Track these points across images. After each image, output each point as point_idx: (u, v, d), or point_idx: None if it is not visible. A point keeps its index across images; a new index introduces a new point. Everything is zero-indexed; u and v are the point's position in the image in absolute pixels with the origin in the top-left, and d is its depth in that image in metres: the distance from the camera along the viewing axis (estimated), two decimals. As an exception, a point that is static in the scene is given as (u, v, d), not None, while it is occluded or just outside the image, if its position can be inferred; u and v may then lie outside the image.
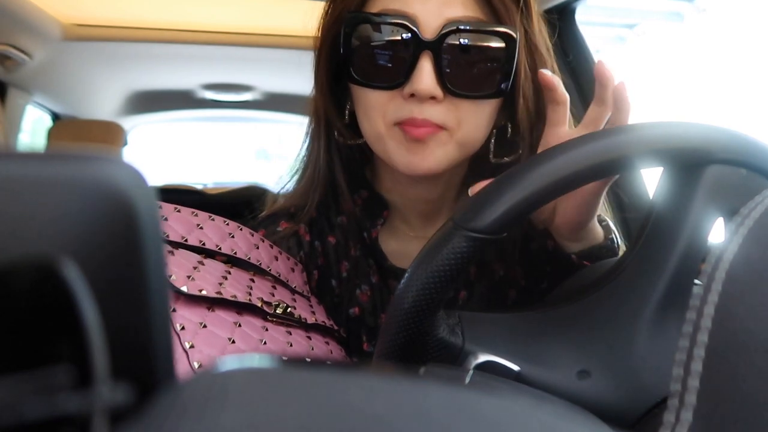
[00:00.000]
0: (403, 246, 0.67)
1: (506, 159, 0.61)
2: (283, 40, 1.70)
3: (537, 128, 0.59)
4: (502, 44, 0.54)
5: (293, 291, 0.62)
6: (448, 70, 0.53)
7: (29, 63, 1.58)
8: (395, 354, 0.43)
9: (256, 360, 0.17)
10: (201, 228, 0.56)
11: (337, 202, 0.67)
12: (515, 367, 0.43)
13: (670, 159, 0.44)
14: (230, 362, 0.16)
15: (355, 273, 0.66)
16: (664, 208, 0.46)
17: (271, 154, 3.93)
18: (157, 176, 2.68)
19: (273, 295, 0.57)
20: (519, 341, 0.45)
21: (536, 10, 0.58)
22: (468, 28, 0.53)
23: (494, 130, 0.61)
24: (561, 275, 0.61)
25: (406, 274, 0.42)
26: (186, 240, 0.53)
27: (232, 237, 0.58)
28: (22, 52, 1.53)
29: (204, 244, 0.55)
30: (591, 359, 0.44)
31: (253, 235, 0.61)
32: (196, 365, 0.44)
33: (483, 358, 0.43)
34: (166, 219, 0.53)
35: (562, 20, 1.02)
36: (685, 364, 0.21)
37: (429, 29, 0.53)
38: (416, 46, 0.52)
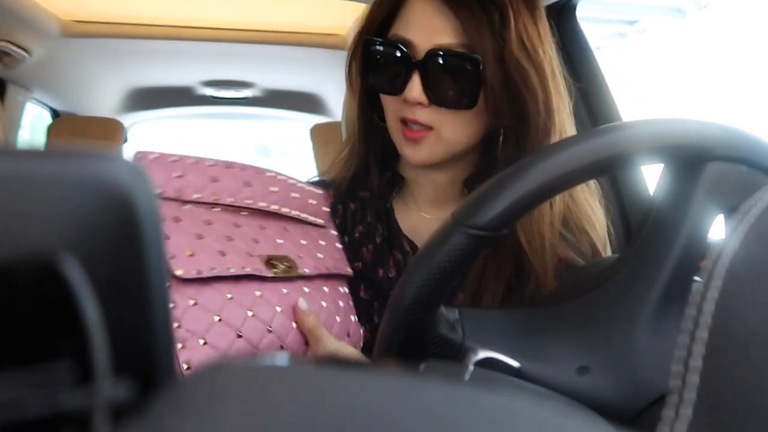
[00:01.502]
0: (414, 221, 0.79)
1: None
2: (284, 36, 1.70)
3: (518, 129, 0.70)
4: (469, 66, 0.67)
5: (306, 223, 0.68)
6: (432, 84, 0.67)
7: (28, 60, 1.58)
8: (395, 350, 0.43)
9: (257, 356, 0.17)
10: (217, 181, 0.60)
11: (365, 180, 0.81)
12: (515, 363, 0.44)
13: (671, 156, 0.44)
14: (231, 358, 0.16)
15: (366, 236, 0.79)
16: (665, 204, 0.46)
17: (272, 150, 3.93)
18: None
19: (282, 243, 0.62)
20: (519, 337, 0.45)
21: (515, 28, 0.66)
22: (446, 53, 0.67)
23: (502, 130, 0.72)
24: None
25: (407, 270, 0.42)
26: (200, 198, 0.58)
27: (249, 185, 0.63)
28: (21, 48, 1.53)
29: (218, 200, 0.59)
30: (591, 355, 0.44)
31: (272, 178, 0.67)
32: (179, 346, 0.46)
33: (483, 354, 0.43)
34: (181, 176, 0.58)
35: (562, 16, 1.02)
36: (685, 360, 0.22)
37: (420, 52, 0.68)
38: (409, 64, 0.68)
